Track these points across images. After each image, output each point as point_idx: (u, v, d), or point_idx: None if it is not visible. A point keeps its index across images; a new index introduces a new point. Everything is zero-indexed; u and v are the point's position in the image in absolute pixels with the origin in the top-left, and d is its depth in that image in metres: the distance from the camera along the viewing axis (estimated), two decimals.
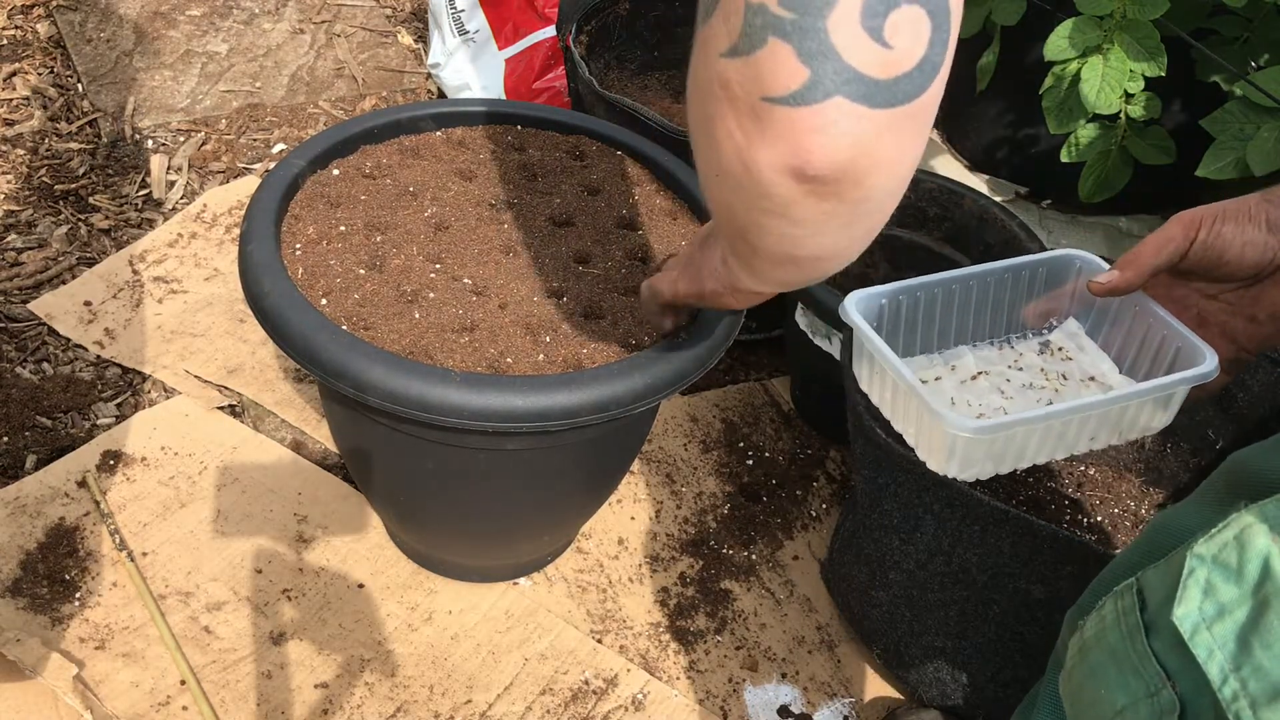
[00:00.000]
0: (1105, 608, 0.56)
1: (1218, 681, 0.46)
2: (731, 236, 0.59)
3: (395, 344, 0.87)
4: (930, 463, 0.79)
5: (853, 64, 0.44)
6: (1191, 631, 0.48)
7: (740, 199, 0.51)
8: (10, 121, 1.70)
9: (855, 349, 0.85)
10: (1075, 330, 0.89)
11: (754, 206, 0.51)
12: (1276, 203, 0.71)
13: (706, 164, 0.53)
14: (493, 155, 1.11)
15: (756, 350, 1.53)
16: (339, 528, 1.21)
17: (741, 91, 0.46)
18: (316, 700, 1.05)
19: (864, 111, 0.45)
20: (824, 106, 0.44)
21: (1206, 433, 1.20)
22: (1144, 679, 0.51)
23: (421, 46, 2.07)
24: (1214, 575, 0.48)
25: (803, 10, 0.43)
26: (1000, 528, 0.93)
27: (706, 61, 0.48)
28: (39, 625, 1.06)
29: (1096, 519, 1.26)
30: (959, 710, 1.09)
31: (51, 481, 1.20)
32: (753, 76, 0.45)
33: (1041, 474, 1.30)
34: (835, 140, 0.45)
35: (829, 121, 0.45)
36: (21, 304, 1.42)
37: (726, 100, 0.47)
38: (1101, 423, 0.80)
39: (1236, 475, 0.56)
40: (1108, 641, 0.54)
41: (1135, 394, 0.78)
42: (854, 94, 0.44)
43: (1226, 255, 0.71)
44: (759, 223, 0.52)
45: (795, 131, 0.45)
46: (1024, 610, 0.97)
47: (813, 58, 0.44)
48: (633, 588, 1.21)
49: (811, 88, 0.44)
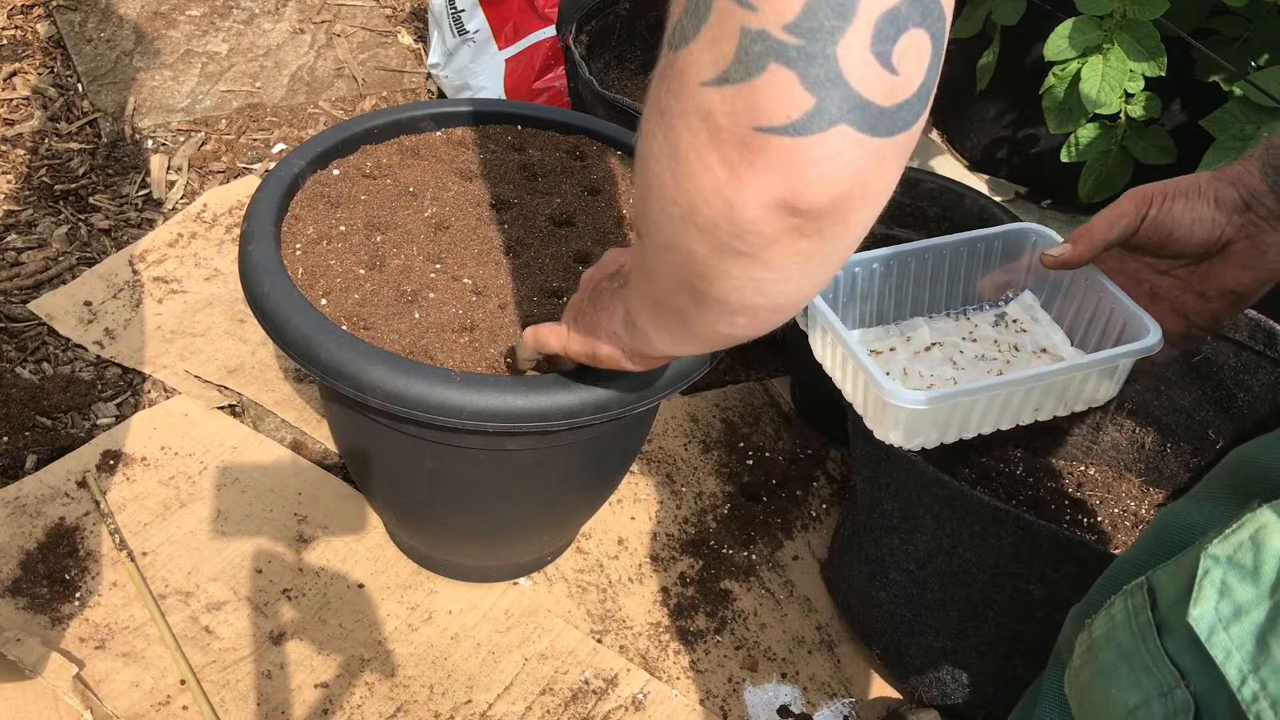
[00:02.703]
0: (1114, 606, 0.55)
1: (1236, 682, 0.46)
2: (670, 290, 0.54)
3: (395, 344, 0.87)
4: (877, 432, 0.81)
5: (860, 91, 0.42)
6: (1208, 632, 0.48)
7: (708, 241, 0.47)
8: (10, 121, 1.70)
9: (810, 320, 0.86)
10: (1031, 303, 0.92)
11: (723, 249, 0.47)
12: (1226, 181, 0.73)
13: (665, 204, 0.48)
14: (493, 155, 1.11)
15: (756, 350, 1.53)
16: (339, 528, 1.21)
17: (729, 121, 0.43)
18: (316, 700, 1.05)
19: (866, 140, 0.43)
20: (826, 136, 0.42)
21: (1207, 433, 1.20)
22: (1156, 678, 0.51)
23: (421, 46, 2.07)
24: (1230, 575, 0.48)
25: (811, 36, 0.41)
26: (1000, 527, 0.93)
27: (681, 91, 0.44)
28: (39, 625, 1.06)
29: (1096, 519, 1.26)
30: (959, 710, 1.09)
31: (51, 481, 1.20)
32: (746, 106, 0.42)
33: (1041, 474, 1.30)
34: (835, 171, 0.43)
35: (831, 152, 0.43)
36: (21, 304, 1.42)
37: (707, 132, 0.44)
38: (1046, 394, 0.82)
39: (1244, 471, 0.56)
40: (1118, 640, 0.54)
41: (1076, 367, 0.80)
42: (858, 122, 0.42)
43: (1176, 232, 0.73)
44: (721, 268, 0.48)
45: (792, 163, 0.43)
46: (1024, 610, 0.97)
47: (819, 84, 0.41)
48: (633, 588, 1.21)
49: (814, 116, 0.42)
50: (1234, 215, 0.73)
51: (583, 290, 0.77)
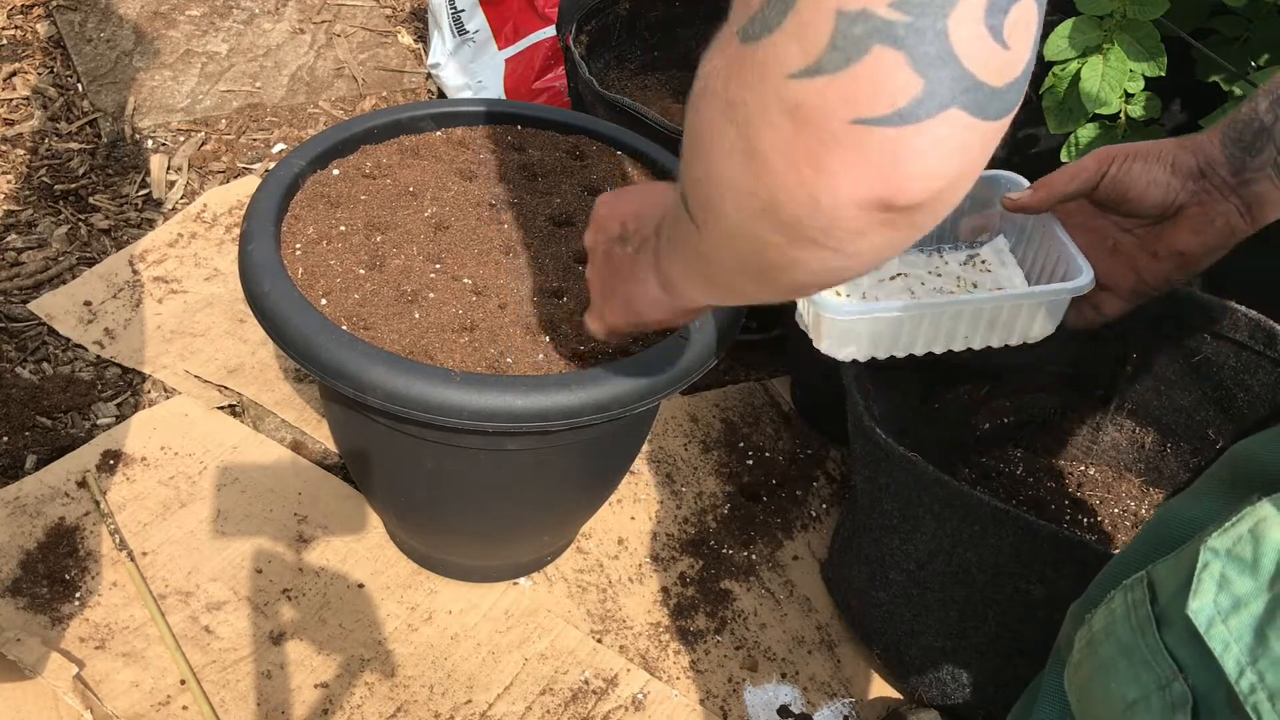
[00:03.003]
0: (1114, 601, 0.56)
1: (1234, 674, 0.46)
2: (730, 271, 0.51)
3: (395, 344, 0.87)
4: (815, 343, 0.88)
5: (972, 70, 0.38)
6: (1207, 624, 0.48)
7: (786, 235, 0.44)
8: (10, 121, 1.70)
9: None
10: (1002, 247, 0.96)
11: (804, 242, 0.44)
12: (1188, 149, 0.75)
13: (740, 198, 0.44)
14: (493, 155, 1.11)
15: (756, 350, 1.53)
16: (339, 528, 1.21)
17: (820, 116, 0.39)
18: (316, 700, 1.05)
19: (975, 125, 0.40)
20: (933, 123, 0.39)
21: (1206, 433, 1.20)
22: (1155, 672, 0.51)
23: (421, 46, 2.07)
24: (1229, 568, 0.48)
25: (920, 10, 0.37)
26: (1000, 527, 0.93)
27: (761, 86, 0.40)
28: (39, 625, 1.06)
29: (1096, 519, 1.26)
30: (959, 710, 1.09)
31: (51, 481, 1.20)
32: (842, 97, 0.38)
33: (1041, 474, 1.30)
34: (940, 162, 0.40)
35: (937, 140, 0.39)
36: (21, 304, 1.42)
37: (794, 129, 0.40)
38: (975, 321, 0.87)
39: (1243, 466, 0.56)
40: (1117, 635, 0.54)
41: (996, 298, 0.86)
42: (969, 105, 0.39)
43: (1131, 191, 0.76)
44: (797, 259, 0.45)
45: (893, 157, 0.39)
46: (1024, 610, 0.97)
47: (929, 65, 0.37)
48: (633, 588, 1.21)
49: (924, 101, 0.38)
50: (1189, 181, 0.75)
51: (594, 264, 0.74)
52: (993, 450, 1.31)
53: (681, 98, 1.63)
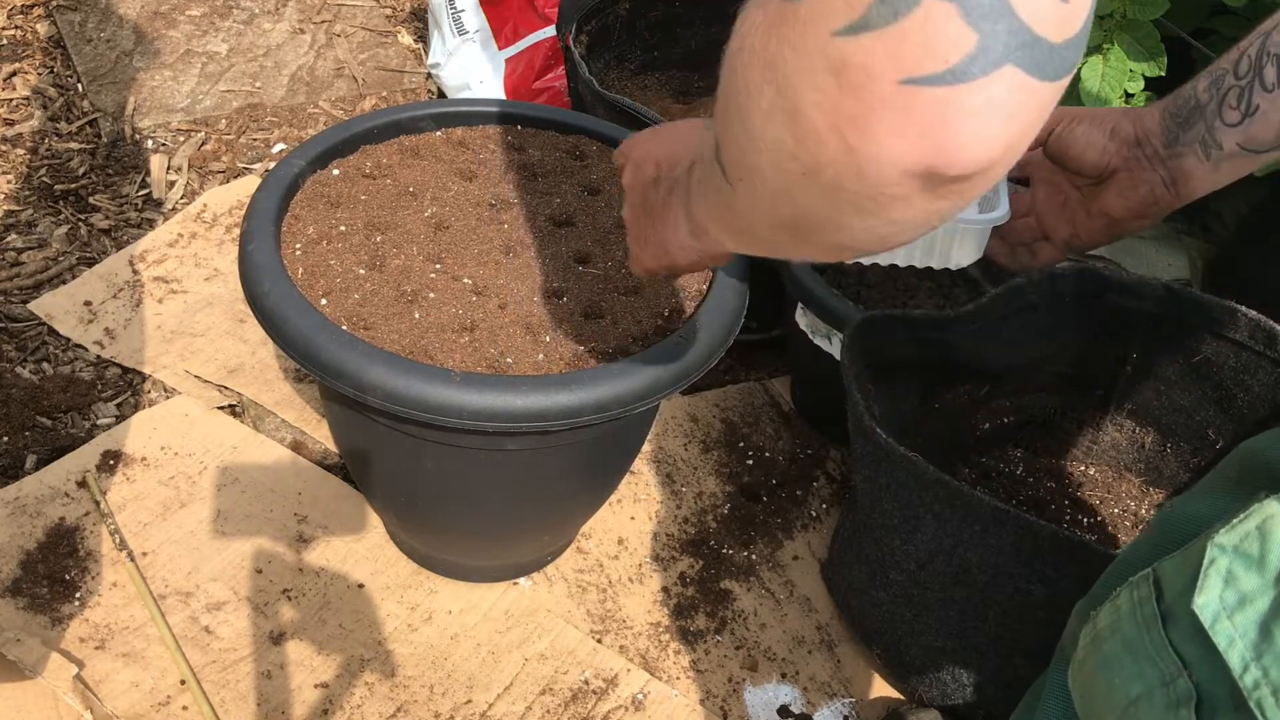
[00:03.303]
0: (1120, 598, 0.56)
1: (1238, 670, 0.46)
2: (766, 227, 0.49)
3: (395, 344, 0.87)
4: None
5: (1029, 23, 0.36)
6: (1212, 620, 0.48)
7: (828, 199, 0.42)
8: (10, 121, 1.70)
9: None
10: None
11: (846, 207, 0.42)
12: (1130, 118, 0.79)
13: (780, 160, 0.42)
14: (493, 155, 1.11)
15: (756, 350, 1.53)
16: (339, 528, 1.21)
17: (866, 76, 0.37)
18: (316, 700, 1.05)
19: (1033, 85, 0.37)
20: (988, 81, 0.36)
21: (1207, 433, 1.20)
22: (1159, 668, 0.51)
23: (421, 46, 2.07)
24: (1235, 564, 0.48)
25: None
26: (1001, 527, 0.93)
27: (803, 44, 0.38)
28: (39, 625, 1.06)
29: (1096, 519, 1.26)
30: (959, 710, 1.09)
31: (51, 481, 1.20)
32: (890, 54, 0.36)
33: (1041, 474, 1.30)
34: (995, 126, 0.37)
35: (992, 101, 0.36)
36: (21, 304, 1.41)
37: (839, 89, 0.38)
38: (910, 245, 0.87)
39: (1251, 464, 0.57)
40: (1123, 631, 0.54)
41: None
42: (1026, 62, 0.36)
43: (1071, 150, 0.80)
44: (838, 222, 0.43)
45: (944, 119, 0.37)
46: (1024, 610, 0.97)
47: (984, 17, 0.35)
48: (633, 588, 1.21)
49: (977, 57, 0.36)
50: (1123, 148, 0.79)
51: (632, 205, 0.73)
52: (993, 450, 1.31)
53: (682, 98, 1.63)
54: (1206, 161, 0.75)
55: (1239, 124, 0.72)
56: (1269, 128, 0.72)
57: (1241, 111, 0.72)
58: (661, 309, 0.96)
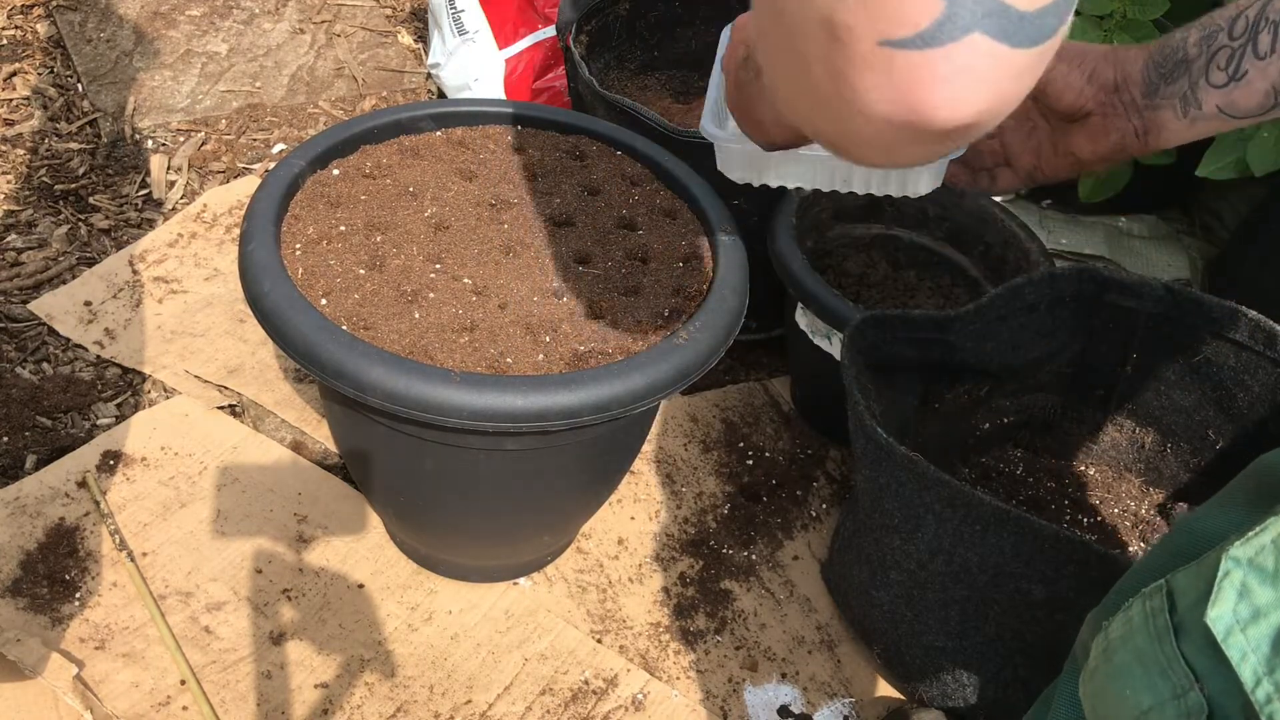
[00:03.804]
0: (1133, 609, 0.55)
1: (1250, 684, 0.46)
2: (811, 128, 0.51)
3: (395, 344, 0.87)
4: (721, 167, 0.91)
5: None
6: (1225, 633, 0.47)
7: (836, 130, 0.45)
8: (10, 121, 1.70)
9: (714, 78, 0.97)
10: None
11: (851, 138, 0.45)
12: (1111, 62, 0.78)
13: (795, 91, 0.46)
14: (493, 155, 1.11)
15: (756, 350, 1.53)
16: (339, 528, 1.21)
17: (851, 35, 0.39)
18: (316, 700, 1.05)
19: (1002, 52, 0.39)
20: (956, 48, 0.38)
21: (1207, 433, 1.20)
22: (1171, 680, 0.51)
23: (421, 46, 2.07)
24: (1250, 578, 0.48)
25: None
26: (1001, 527, 0.93)
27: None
28: (39, 625, 1.06)
29: (1096, 519, 1.26)
30: (959, 710, 1.09)
31: (51, 481, 1.20)
32: (870, 15, 0.38)
33: (1041, 474, 1.30)
34: (966, 90, 0.39)
35: (961, 67, 0.39)
36: (21, 304, 1.42)
37: (830, 42, 0.40)
38: (850, 169, 0.89)
39: (1269, 479, 0.56)
40: (1134, 643, 0.54)
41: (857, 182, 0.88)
42: (994, 30, 0.38)
43: (1048, 89, 0.79)
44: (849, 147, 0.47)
45: (918, 81, 0.39)
46: (1024, 610, 0.97)
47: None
48: (633, 588, 1.21)
49: (945, 24, 0.38)
50: (1100, 92, 0.78)
51: (730, 88, 0.77)
52: (993, 450, 1.31)
53: (682, 98, 1.63)
54: (1183, 119, 0.73)
55: (1223, 86, 0.70)
56: (1253, 95, 0.70)
57: (1228, 75, 0.70)
58: (661, 309, 0.96)
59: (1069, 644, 0.97)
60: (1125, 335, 1.18)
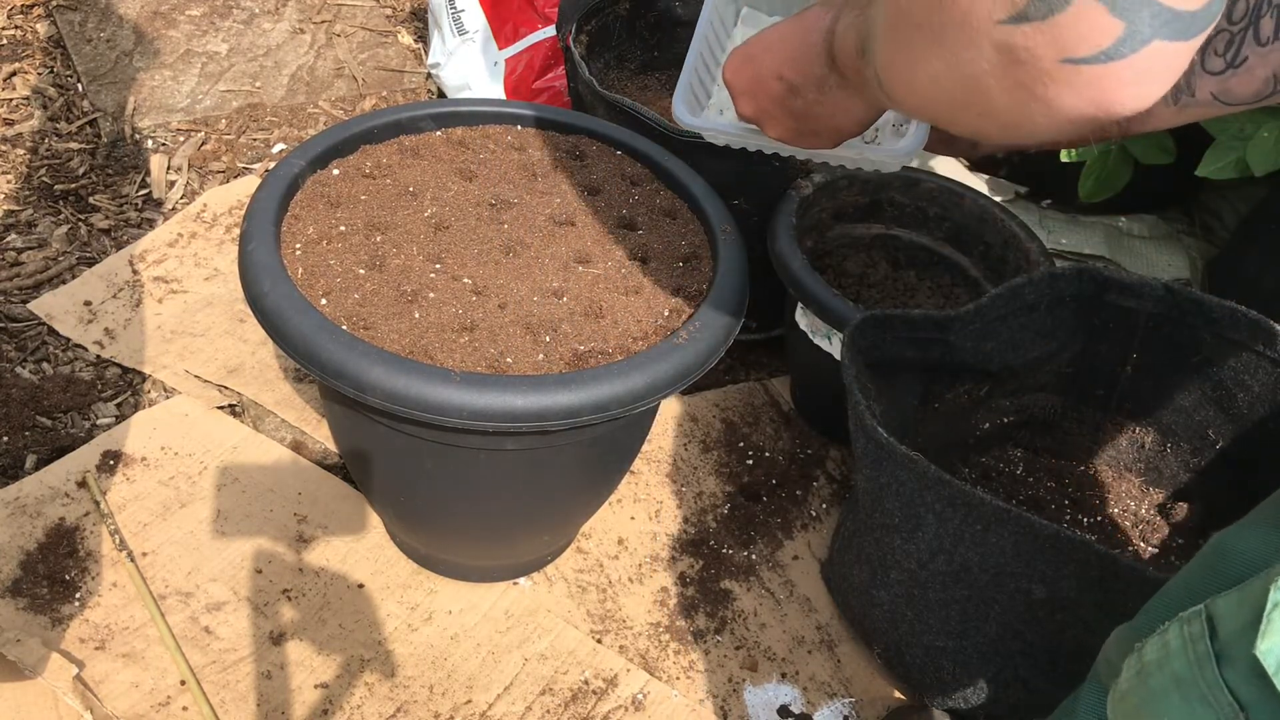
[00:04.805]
0: (1169, 632, 0.55)
1: None
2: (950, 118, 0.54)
3: (395, 344, 0.87)
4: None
5: (1169, 4, 0.41)
6: (1277, 666, 0.47)
7: (997, 125, 0.49)
8: (10, 121, 1.70)
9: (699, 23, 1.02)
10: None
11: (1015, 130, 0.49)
12: None
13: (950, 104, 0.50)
14: (493, 155, 1.11)
15: (756, 350, 1.53)
16: (339, 528, 1.21)
17: (1031, 56, 0.43)
18: (316, 700, 1.05)
19: (1177, 48, 0.42)
20: (1139, 56, 0.42)
21: (1207, 433, 1.20)
22: (1214, 709, 0.50)
23: (421, 46, 2.07)
24: None
25: None
26: (1002, 527, 0.93)
27: (968, 26, 0.45)
28: (39, 625, 1.06)
29: (1096, 519, 1.26)
30: (959, 710, 1.09)
31: (51, 481, 1.20)
32: (1050, 41, 0.42)
33: (1042, 474, 1.30)
34: (1150, 87, 0.44)
35: (1144, 71, 0.43)
36: (21, 304, 1.41)
37: (1007, 62, 0.45)
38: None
39: None
40: (1172, 668, 0.53)
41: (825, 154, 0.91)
42: (1170, 34, 0.42)
43: None
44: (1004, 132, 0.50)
45: (1104, 87, 0.43)
46: (1025, 610, 0.97)
47: (1128, 9, 0.41)
48: (633, 588, 1.21)
49: (1126, 40, 0.42)
50: None
51: (777, 122, 0.81)
52: (993, 450, 1.31)
53: None
54: (1172, 105, 0.72)
55: (1220, 73, 0.70)
56: (1250, 83, 0.69)
57: (1226, 61, 0.69)
58: (661, 309, 0.96)
59: (1070, 644, 0.97)
60: (1125, 335, 1.18)
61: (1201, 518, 1.25)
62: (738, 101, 0.81)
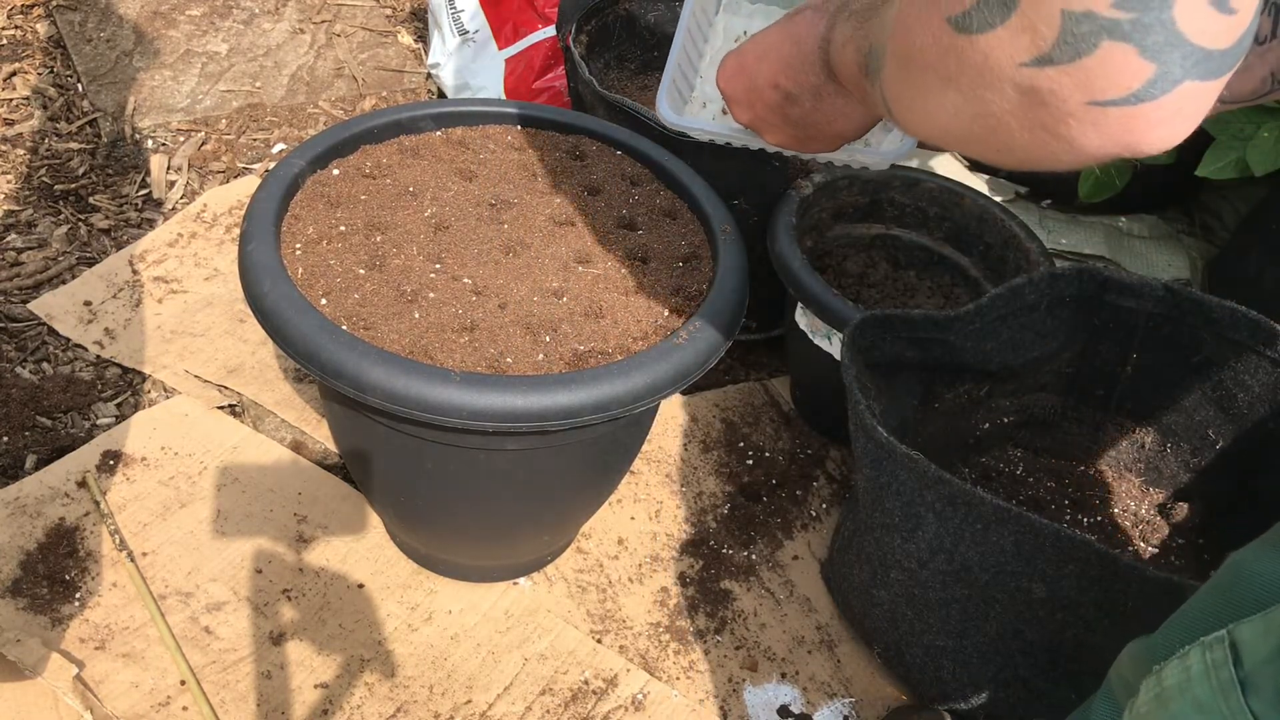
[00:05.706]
0: (1190, 656, 0.54)
1: None
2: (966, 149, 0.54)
3: (395, 344, 0.87)
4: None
5: (1200, 44, 0.40)
6: None
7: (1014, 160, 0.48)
8: (10, 121, 1.70)
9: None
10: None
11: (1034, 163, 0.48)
12: None
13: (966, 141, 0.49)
14: (493, 155, 1.11)
15: (756, 350, 1.53)
16: (339, 528, 1.21)
17: (1056, 98, 0.43)
18: (316, 700, 1.05)
19: (1207, 87, 0.42)
20: (1169, 98, 0.41)
21: (1207, 433, 1.20)
22: None
23: (421, 46, 2.07)
24: None
25: (1144, 6, 0.39)
26: (1002, 526, 0.93)
27: (990, 70, 0.44)
28: (39, 625, 1.06)
29: (1096, 519, 1.26)
30: (959, 710, 1.09)
31: (51, 481, 1.20)
32: (1077, 84, 0.42)
33: (1042, 474, 1.30)
34: (1179, 127, 0.43)
35: (1174, 111, 0.42)
36: (21, 304, 1.41)
37: (1030, 103, 0.44)
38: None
39: None
40: (1193, 693, 0.53)
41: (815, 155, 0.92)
42: (1201, 74, 0.41)
43: None
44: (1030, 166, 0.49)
45: (1132, 128, 0.42)
46: (1025, 609, 0.97)
47: (1159, 51, 0.40)
48: (633, 588, 1.21)
49: (1156, 82, 0.41)
50: None
51: (775, 128, 0.81)
52: (993, 450, 1.31)
53: None
54: None
55: None
56: (1249, 81, 0.69)
57: None
58: (661, 309, 0.96)
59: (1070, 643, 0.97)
60: (1125, 335, 1.18)
61: (1201, 518, 1.25)
62: (734, 110, 0.81)
